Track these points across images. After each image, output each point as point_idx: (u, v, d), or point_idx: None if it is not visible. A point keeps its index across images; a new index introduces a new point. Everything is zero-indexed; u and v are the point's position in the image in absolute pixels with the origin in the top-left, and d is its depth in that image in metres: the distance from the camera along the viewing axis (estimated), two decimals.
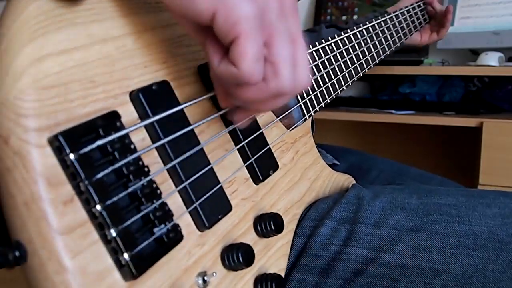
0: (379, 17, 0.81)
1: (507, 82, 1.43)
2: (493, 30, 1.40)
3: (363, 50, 0.72)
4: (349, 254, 0.50)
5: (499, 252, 0.47)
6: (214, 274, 0.38)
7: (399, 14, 0.89)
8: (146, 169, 0.34)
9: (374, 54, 0.75)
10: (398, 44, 0.86)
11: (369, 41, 0.74)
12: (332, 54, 0.63)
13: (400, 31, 0.87)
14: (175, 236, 0.35)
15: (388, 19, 0.83)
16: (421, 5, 1.04)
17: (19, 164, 0.29)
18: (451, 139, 1.64)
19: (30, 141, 0.30)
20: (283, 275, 0.47)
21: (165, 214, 0.35)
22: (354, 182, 0.63)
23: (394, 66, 1.42)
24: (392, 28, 0.84)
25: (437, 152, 1.71)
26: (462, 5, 1.49)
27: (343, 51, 0.66)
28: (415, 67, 1.44)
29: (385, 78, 1.67)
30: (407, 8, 0.95)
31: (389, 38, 0.82)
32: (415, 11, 0.99)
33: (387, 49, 0.80)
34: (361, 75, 0.70)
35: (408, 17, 0.93)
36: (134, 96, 0.36)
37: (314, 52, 0.60)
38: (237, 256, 0.39)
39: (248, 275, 0.42)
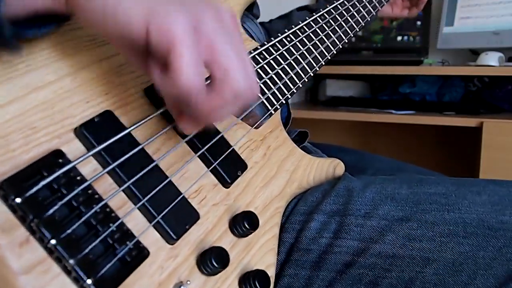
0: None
1: (507, 82, 1.43)
2: (493, 30, 1.41)
3: (331, 30, 0.72)
4: (340, 246, 0.50)
5: (489, 239, 0.47)
6: (188, 282, 0.39)
7: None
8: (96, 196, 0.36)
9: (341, 34, 0.75)
10: (369, 19, 0.85)
11: (337, 20, 0.74)
12: (292, 43, 0.64)
13: (368, 5, 0.86)
14: (139, 254, 0.37)
15: None
16: None
17: None
18: (451, 139, 1.64)
19: None
20: (272, 271, 0.47)
21: (124, 234, 0.36)
22: (341, 164, 0.62)
23: (394, 66, 1.43)
24: (358, 4, 0.83)
25: (437, 152, 1.71)
26: (462, 5, 1.50)
27: (303, 38, 0.66)
28: (415, 67, 1.46)
29: (385, 78, 1.68)
30: None
31: (356, 15, 0.82)
32: None
33: (355, 26, 0.80)
34: (329, 58, 0.70)
35: None
36: (78, 132, 0.38)
37: (271, 47, 0.60)
38: (210, 260, 0.40)
39: (231, 277, 0.43)
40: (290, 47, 0.63)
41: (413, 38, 1.65)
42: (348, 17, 0.78)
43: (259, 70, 0.57)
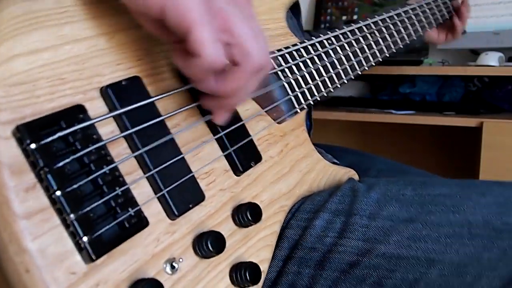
0: (391, 11, 0.79)
1: (507, 82, 1.41)
2: (493, 30, 1.40)
3: (374, 41, 0.70)
4: (345, 246, 0.50)
5: (494, 240, 0.46)
6: (181, 260, 0.39)
7: (417, 7, 0.87)
8: (109, 158, 0.36)
9: (384, 47, 0.73)
10: (408, 42, 0.83)
11: (382, 32, 0.73)
12: (332, 47, 0.63)
13: (411, 27, 0.84)
14: (138, 222, 0.37)
15: (401, 12, 0.81)
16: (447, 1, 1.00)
17: None
18: (451, 139, 1.62)
19: None
20: (265, 266, 0.47)
21: (128, 200, 0.37)
22: (355, 174, 0.62)
23: (394, 66, 1.42)
24: (401, 24, 0.81)
25: (437, 152, 1.69)
26: None
27: (344, 44, 0.65)
28: (415, 67, 1.45)
29: (385, 78, 1.67)
30: (427, 1, 0.92)
31: (403, 31, 0.80)
32: (436, 3, 0.96)
33: (400, 42, 0.78)
34: (366, 68, 0.69)
35: (427, 10, 0.91)
36: (103, 92, 0.39)
37: (310, 46, 0.60)
38: (206, 243, 0.40)
39: (223, 264, 0.43)
40: (329, 50, 0.62)
41: None
42: (394, 32, 0.77)
43: (293, 66, 0.56)
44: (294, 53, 0.57)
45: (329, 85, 0.61)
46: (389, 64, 1.44)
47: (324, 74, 0.61)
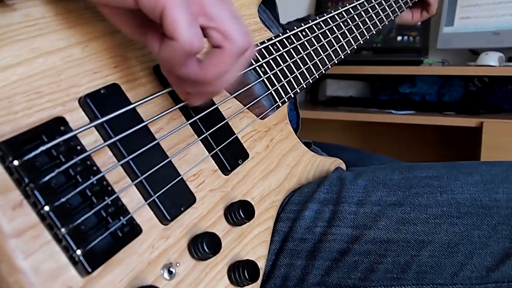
0: None
1: (507, 82, 1.43)
2: (493, 30, 1.41)
3: (343, 31, 0.71)
4: (334, 234, 0.50)
5: (483, 218, 0.47)
6: (178, 264, 0.39)
7: None
8: (95, 168, 0.36)
9: (358, 34, 0.74)
10: (386, 23, 0.84)
11: (355, 19, 0.73)
12: (307, 38, 0.63)
13: (387, 9, 0.85)
14: (131, 230, 0.36)
15: None
16: None
17: None
18: (451, 139, 1.64)
19: None
20: (263, 263, 0.47)
21: (119, 209, 0.36)
22: (343, 163, 0.62)
23: (394, 66, 1.43)
24: (377, 7, 0.82)
25: (437, 152, 1.71)
26: (462, 5, 1.50)
27: (319, 34, 0.65)
28: (415, 67, 1.46)
29: (385, 78, 1.69)
30: None
31: (375, 17, 0.81)
32: None
33: (372, 28, 0.79)
34: (343, 57, 0.69)
35: None
36: (82, 102, 0.38)
37: (285, 39, 0.60)
38: (201, 245, 0.39)
39: (220, 264, 0.42)
40: (305, 42, 0.62)
41: (413, 38, 1.64)
42: (367, 19, 0.77)
43: (271, 61, 0.56)
44: (270, 47, 0.57)
45: (308, 76, 0.61)
46: (389, 64, 1.45)
47: (301, 66, 0.61)
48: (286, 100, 0.57)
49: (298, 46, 0.61)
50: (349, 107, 1.55)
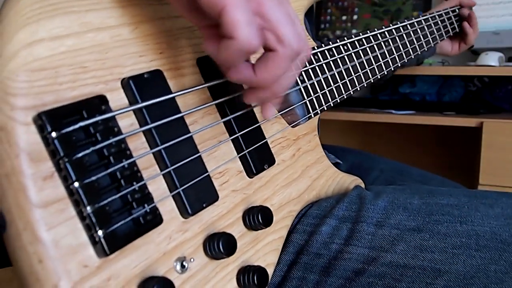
0: (405, 20, 0.79)
1: (507, 82, 1.42)
2: (493, 30, 1.40)
3: (388, 50, 0.70)
4: (351, 253, 0.49)
5: (501, 253, 0.46)
6: (192, 260, 0.39)
7: (429, 18, 0.87)
8: (128, 152, 0.36)
9: (396, 57, 0.73)
10: (426, 48, 0.83)
11: (396, 42, 0.73)
12: (347, 53, 0.62)
13: (428, 36, 0.84)
14: (153, 219, 0.36)
15: (415, 23, 0.81)
16: (456, 10, 1.00)
17: (4, 138, 0.31)
18: (451, 139, 1.63)
19: (16, 118, 0.31)
20: (271, 270, 0.46)
21: (145, 196, 0.36)
22: (362, 183, 0.62)
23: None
24: (418, 32, 0.81)
25: (437, 152, 1.70)
26: None
27: (360, 51, 0.65)
28: (415, 67, 1.44)
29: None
30: (439, 13, 0.92)
31: (415, 42, 0.80)
32: (448, 15, 0.96)
33: (411, 53, 0.78)
34: (378, 77, 0.69)
35: (438, 22, 0.91)
36: (125, 83, 0.38)
37: (326, 51, 0.59)
38: (217, 244, 0.39)
39: (231, 266, 0.42)
40: (345, 56, 0.62)
41: None
42: (407, 42, 0.77)
43: (310, 70, 0.56)
44: (312, 57, 0.57)
45: (343, 91, 0.61)
46: None
47: (339, 80, 0.60)
48: (319, 112, 0.57)
49: (338, 59, 0.61)
50: (349, 107, 1.54)
